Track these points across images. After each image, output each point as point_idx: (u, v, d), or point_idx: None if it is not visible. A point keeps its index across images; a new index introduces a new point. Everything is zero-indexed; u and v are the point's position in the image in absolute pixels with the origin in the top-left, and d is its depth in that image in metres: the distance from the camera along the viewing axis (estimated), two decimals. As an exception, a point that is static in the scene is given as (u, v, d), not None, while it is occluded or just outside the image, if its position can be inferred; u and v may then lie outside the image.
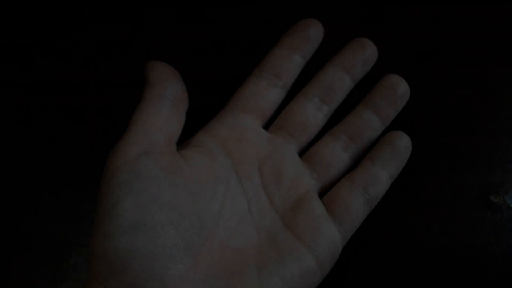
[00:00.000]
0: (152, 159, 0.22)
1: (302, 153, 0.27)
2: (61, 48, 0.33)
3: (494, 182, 0.29)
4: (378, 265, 0.26)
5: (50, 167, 0.29)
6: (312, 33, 0.27)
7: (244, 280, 0.21)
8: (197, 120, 0.29)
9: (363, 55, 0.27)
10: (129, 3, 0.35)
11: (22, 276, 0.26)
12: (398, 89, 0.27)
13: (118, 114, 0.24)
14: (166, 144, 0.23)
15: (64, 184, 0.28)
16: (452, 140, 0.30)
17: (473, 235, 0.27)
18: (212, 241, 0.22)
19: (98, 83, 0.32)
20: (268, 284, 0.21)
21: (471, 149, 0.30)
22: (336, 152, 0.26)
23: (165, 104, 0.23)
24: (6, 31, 0.34)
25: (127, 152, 0.22)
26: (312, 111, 0.27)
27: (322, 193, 0.26)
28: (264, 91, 0.27)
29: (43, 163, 0.29)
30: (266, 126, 0.28)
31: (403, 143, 0.26)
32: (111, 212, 0.20)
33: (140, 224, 0.20)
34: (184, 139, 0.26)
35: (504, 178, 0.29)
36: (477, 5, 0.35)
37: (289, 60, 0.27)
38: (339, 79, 0.27)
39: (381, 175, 0.25)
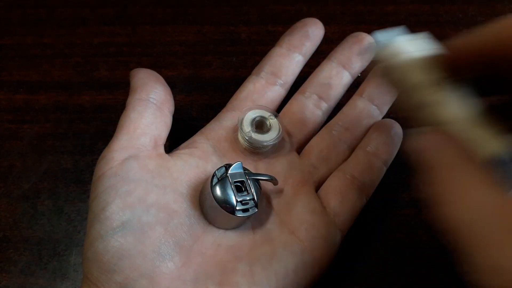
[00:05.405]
0: (137, 162, 0.22)
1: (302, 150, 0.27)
2: (61, 48, 0.33)
3: (494, 182, 0.29)
4: (378, 265, 0.26)
5: (50, 167, 0.29)
6: (311, 32, 0.27)
7: (236, 276, 0.21)
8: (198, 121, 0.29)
9: (360, 49, 0.27)
10: (129, 3, 0.35)
11: (22, 276, 0.26)
12: None
13: (118, 114, 0.24)
14: (152, 147, 0.23)
15: (64, 184, 0.28)
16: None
17: (473, 235, 0.27)
18: (205, 239, 0.22)
19: (98, 83, 0.32)
20: (261, 279, 0.21)
21: (471, 149, 0.30)
22: (333, 144, 0.26)
23: (148, 108, 0.23)
24: (6, 31, 0.34)
25: (113, 158, 0.22)
26: (310, 108, 0.27)
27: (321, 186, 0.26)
28: (262, 90, 0.27)
29: (43, 163, 0.29)
30: None
31: (393, 129, 0.26)
32: (100, 215, 0.20)
33: (128, 225, 0.20)
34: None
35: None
36: (476, 6, 0.35)
37: (288, 58, 0.27)
38: (336, 74, 0.27)
39: (373, 162, 0.25)
